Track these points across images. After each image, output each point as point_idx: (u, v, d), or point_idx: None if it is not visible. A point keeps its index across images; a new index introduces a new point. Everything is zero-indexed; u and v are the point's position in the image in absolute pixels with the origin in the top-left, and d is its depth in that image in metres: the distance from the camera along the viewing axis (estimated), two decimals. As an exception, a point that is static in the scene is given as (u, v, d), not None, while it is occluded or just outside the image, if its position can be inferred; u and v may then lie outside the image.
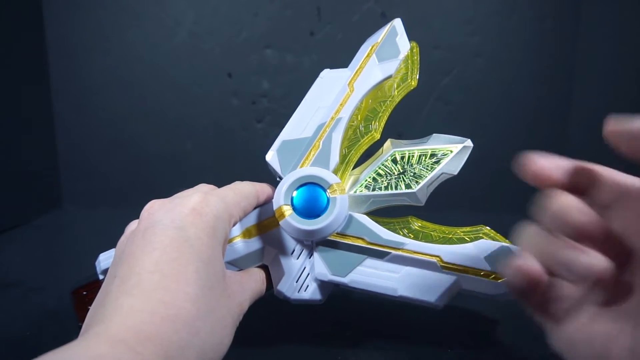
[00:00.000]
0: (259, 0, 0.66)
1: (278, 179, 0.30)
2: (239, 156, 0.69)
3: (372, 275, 0.29)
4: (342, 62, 0.33)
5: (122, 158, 0.70)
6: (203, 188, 0.27)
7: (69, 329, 0.33)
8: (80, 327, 0.20)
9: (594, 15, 0.64)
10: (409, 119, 0.67)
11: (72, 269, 0.44)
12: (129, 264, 0.20)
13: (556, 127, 0.68)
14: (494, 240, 0.29)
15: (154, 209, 0.23)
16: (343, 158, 0.31)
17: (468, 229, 0.30)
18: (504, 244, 0.28)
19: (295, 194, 0.29)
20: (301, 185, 0.29)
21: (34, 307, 0.37)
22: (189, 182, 0.29)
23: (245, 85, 0.68)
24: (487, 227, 0.30)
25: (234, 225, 0.26)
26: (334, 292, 0.31)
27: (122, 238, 0.26)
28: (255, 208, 0.29)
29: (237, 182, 0.28)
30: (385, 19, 0.65)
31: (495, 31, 0.66)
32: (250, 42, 0.67)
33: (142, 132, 0.69)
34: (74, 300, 0.34)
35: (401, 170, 0.30)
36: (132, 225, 0.27)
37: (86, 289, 0.31)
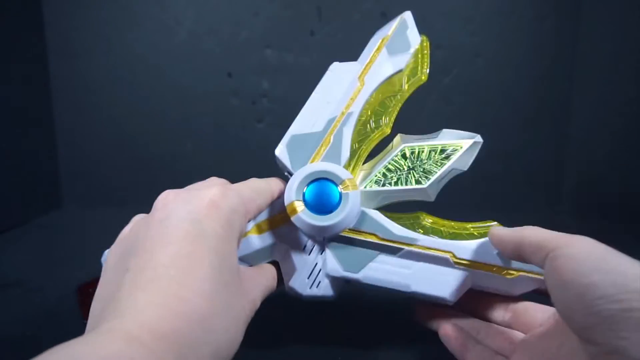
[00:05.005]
0: (259, 0, 0.66)
1: (287, 173, 0.30)
2: (239, 156, 0.69)
3: (385, 271, 0.28)
4: (343, 62, 0.32)
5: (122, 158, 0.70)
6: (216, 181, 0.27)
7: (69, 328, 0.33)
8: (85, 324, 0.20)
9: (594, 15, 0.64)
10: (410, 119, 0.66)
11: (72, 269, 0.44)
12: (142, 257, 0.19)
13: (556, 127, 0.68)
14: None
15: (169, 199, 0.22)
16: (353, 153, 0.30)
17: (478, 224, 0.30)
18: None
19: (306, 189, 0.28)
20: (313, 181, 0.28)
21: (34, 307, 0.37)
22: (189, 183, 0.28)
23: (245, 85, 0.68)
24: (497, 222, 0.30)
25: (248, 222, 0.25)
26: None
27: (127, 228, 0.24)
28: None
29: (252, 178, 0.27)
30: (385, 19, 0.65)
31: (495, 31, 0.66)
32: (250, 42, 0.67)
33: (142, 132, 0.69)
34: (79, 297, 0.34)
35: (411, 166, 0.30)
36: (139, 216, 0.25)
37: (92, 286, 0.31)
